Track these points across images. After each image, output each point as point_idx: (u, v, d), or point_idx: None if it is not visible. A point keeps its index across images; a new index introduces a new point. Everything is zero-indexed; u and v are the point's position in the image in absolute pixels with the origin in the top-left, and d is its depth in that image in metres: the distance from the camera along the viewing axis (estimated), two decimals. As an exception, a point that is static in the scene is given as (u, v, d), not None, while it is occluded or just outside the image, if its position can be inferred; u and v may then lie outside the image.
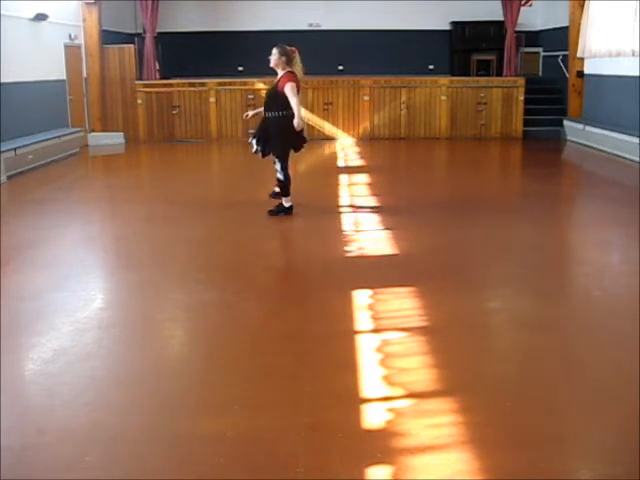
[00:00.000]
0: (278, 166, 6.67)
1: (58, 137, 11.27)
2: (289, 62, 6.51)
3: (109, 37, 13.70)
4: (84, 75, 13.22)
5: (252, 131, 7.07)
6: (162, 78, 14.24)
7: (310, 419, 3.05)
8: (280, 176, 6.69)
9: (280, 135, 6.58)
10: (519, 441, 2.89)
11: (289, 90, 6.40)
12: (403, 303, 4.54)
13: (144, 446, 2.90)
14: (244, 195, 7.39)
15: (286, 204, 6.77)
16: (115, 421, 3.07)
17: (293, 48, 6.64)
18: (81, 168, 11.33)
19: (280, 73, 6.50)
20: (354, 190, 8.55)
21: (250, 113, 7.24)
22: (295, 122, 6.42)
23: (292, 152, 6.85)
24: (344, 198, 8.03)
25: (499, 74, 14.67)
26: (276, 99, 6.48)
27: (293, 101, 6.40)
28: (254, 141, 6.71)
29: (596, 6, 12.23)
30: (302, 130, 6.61)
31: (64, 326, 4.16)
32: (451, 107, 13.68)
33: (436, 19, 15.55)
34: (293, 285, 5.21)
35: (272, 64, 6.51)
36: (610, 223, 6.89)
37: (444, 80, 13.94)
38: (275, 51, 6.49)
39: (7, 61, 9.93)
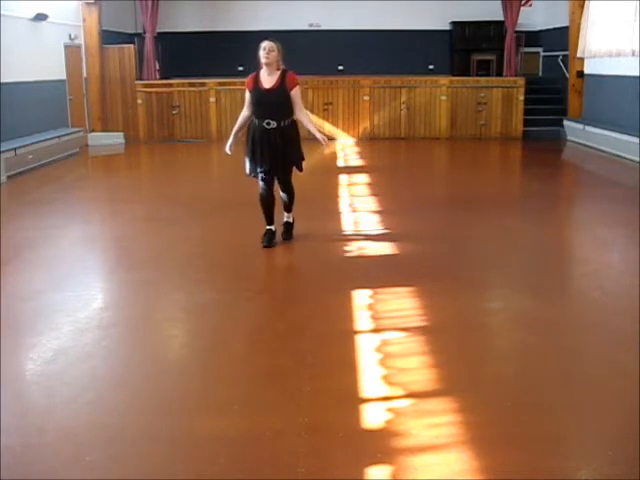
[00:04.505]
0: (286, 188, 5.83)
1: (58, 137, 11.27)
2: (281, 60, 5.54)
3: (109, 37, 13.71)
4: (84, 75, 13.22)
5: (249, 163, 5.66)
6: (162, 78, 14.25)
7: (310, 419, 3.05)
8: (289, 193, 5.88)
9: (297, 142, 5.69)
10: (519, 441, 2.89)
11: (299, 94, 5.58)
12: (403, 303, 4.54)
13: (144, 446, 2.90)
14: (244, 195, 7.37)
15: (291, 219, 6.08)
16: (115, 421, 3.07)
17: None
18: (81, 168, 11.32)
19: (274, 72, 5.48)
20: (354, 190, 8.55)
21: (231, 141, 5.77)
22: (320, 136, 5.51)
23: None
24: (344, 199, 8.03)
25: (499, 74, 14.69)
26: (286, 104, 5.50)
27: (303, 108, 5.64)
28: (259, 167, 5.60)
29: (596, 6, 12.23)
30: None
31: (64, 326, 4.16)
32: (451, 107, 13.69)
33: (436, 19, 15.57)
34: (293, 285, 5.21)
35: (268, 61, 5.40)
36: (610, 223, 6.89)
37: (444, 80, 13.94)
38: (274, 46, 5.41)
39: (7, 61, 9.94)
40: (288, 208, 6.02)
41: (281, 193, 5.90)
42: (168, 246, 6.11)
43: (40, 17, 11.07)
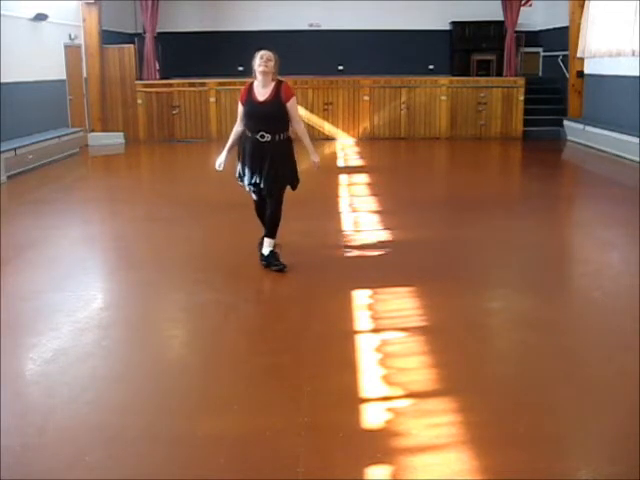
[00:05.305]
0: (273, 206, 5.25)
1: (58, 137, 11.28)
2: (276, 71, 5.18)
3: (109, 37, 13.71)
4: (84, 75, 13.22)
5: (240, 168, 5.28)
6: (162, 78, 14.24)
7: (310, 419, 3.05)
8: (273, 212, 5.28)
9: (292, 160, 5.29)
10: (519, 441, 2.89)
11: (295, 106, 5.21)
12: (403, 303, 4.54)
13: (144, 446, 2.90)
14: (244, 195, 7.36)
15: (271, 248, 5.35)
16: (115, 421, 3.07)
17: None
18: (81, 168, 11.33)
19: (269, 84, 5.11)
20: (354, 190, 8.55)
21: (223, 158, 5.28)
22: (313, 157, 5.26)
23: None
24: (344, 199, 8.03)
25: (499, 74, 14.69)
26: (282, 117, 5.15)
27: (300, 121, 5.28)
28: (247, 179, 5.24)
29: (596, 6, 12.23)
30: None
31: (64, 326, 4.16)
32: (451, 107, 13.69)
33: (436, 19, 15.57)
34: (293, 285, 5.21)
35: (266, 70, 5.06)
36: (610, 223, 6.89)
37: (444, 80, 13.94)
38: (272, 55, 5.10)
39: (7, 61, 9.93)
40: (270, 232, 5.32)
41: (267, 210, 5.32)
42: (168, 246, 6.11)
43: (40, 17, 11.07)
